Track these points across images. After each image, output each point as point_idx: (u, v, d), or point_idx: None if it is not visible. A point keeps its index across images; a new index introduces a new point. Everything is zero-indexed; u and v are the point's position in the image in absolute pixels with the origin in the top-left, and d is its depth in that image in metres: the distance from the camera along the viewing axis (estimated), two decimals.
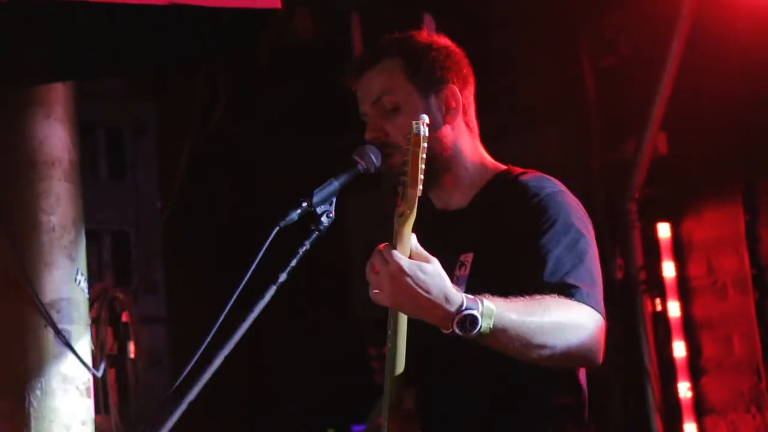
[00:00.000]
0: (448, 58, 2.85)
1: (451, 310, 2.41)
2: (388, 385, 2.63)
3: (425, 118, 2.43)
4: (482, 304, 2.42)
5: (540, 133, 5.80)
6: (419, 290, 2.40)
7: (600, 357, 2.60)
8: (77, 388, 4.89)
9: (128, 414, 5.68)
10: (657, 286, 5.77)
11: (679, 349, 5.72)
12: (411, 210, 2.43)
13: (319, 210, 2.66)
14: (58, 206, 4.90)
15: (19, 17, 3.99)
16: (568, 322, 2.53)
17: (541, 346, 2.51)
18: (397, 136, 2.76)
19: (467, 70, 2.89)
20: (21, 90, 4.78)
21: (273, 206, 5.97)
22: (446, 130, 2.82)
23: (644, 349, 5.72)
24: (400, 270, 2.39)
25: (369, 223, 5.17)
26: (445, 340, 2.52)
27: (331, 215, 2.68)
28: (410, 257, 2.43)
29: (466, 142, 2.86)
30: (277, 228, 2.63)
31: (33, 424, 4.81)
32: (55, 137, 4.93)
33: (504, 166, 2.89)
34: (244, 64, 5.95)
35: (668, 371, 5.73)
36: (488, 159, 2.90)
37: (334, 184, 2.70)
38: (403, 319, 2.53)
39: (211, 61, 5.56)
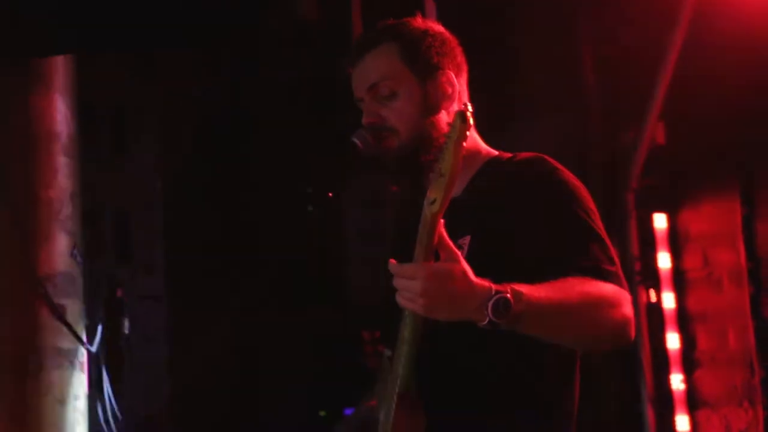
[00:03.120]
0: (443, 45, 2.84)
1: (482, 299, 2.38)
2: (401, 370, 2.59)
3: (470, 107, 2.42)
4: (511, 288, 2.40)
5: (539, 121, 5.79)
6: (452, 296, 2.38)
7: (632, 334, 2.57)
8: (71, 362, 4.90)
9: (121, 389, 5.70)
10: (652, 277, 5.77)
11: (673, 340, 5.72)
12: (445, 198, 2.40)
13: (315, 191, 2.68)
14: (56, 180, 4.90)
15: None
16: (599, 300, 2.51)
17: (576, 326, 2.50)
18: (392, 120, 2.76)
19: (461, 57, 2.88)
20: (21, 62, 4.78)
21: (273, 186, 5.97)
22: (442, 116, 2.80)
23: (638, 340, 5.72)
24: (431, 286, 2.37)
25: (364, 208, 5.18)
26: (447, 328, 2.51)
27: (328, 196, 2.68)
28: (438, 249, 2.41)
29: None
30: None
31: (26, 397, 4.82)
32: (55, 110, 4.94)
33: (496, 152, 2.88)
34: (246, 43, 5.94)
35: (662, 363, 5.73)
36: (482, 145, 2.89)
37: (333, 167, 2.71)
38: None
39: (214, 40, 5.55)
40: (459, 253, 2.42)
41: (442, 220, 2.42)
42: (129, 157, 6.21)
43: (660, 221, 5.77)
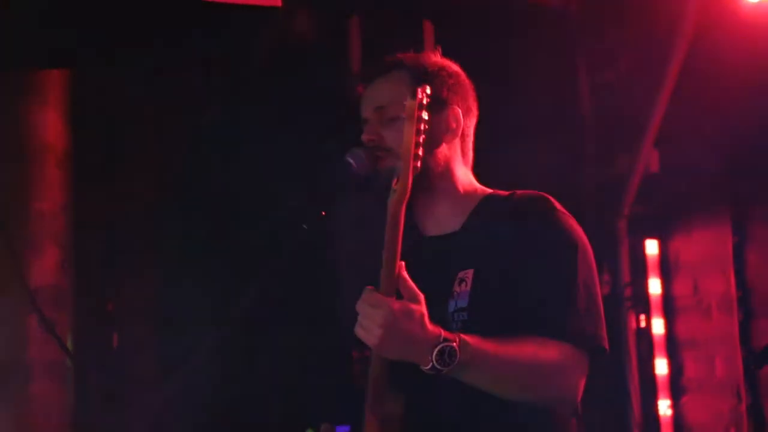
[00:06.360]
0: (456, 84, 2.87)
1: (431, 344, 2.43)
2: (370, 387, 2.61)
3: (426, 88, 2.48)
4: (459, 338, 2.45)
5: (533, 145, 5.80)
6: (406, 336, 2.43)
7: (576, 399, 2.63)
8: (59, 375, 4.89)
9: (110, 402, 5.68)
10: (642, 303, 5.80)
11: (661, 366, 5.74)
12: (404, 186, 2.45)
13: (309, 209, 2.68)
14: (49, 193, 4.90)
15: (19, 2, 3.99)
16: (546, 365, 2.57)
17: (516, 387, 2.57)
18: (392, 141, 2.77)
19: (473, 100, 2.91)
20: (16, 75, 4.77)
21: (265, 202, 5.96)
22: (442, 149, 2.83)
23: (626, 365, 5.73)
24: (392, 321, 2.41)
25: (356, 227, 5.17)
26: None
27: (321, 215, 2.69)
28: (400, 288, 2.46)
29: (460, 166, 2.87)
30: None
31: (12, 409, 4.81)
32: (49, 124, 4.94)
33: (490, 190, 2.89)
34: (241, 59, 5.95)
35: (649, 388, 5.75)
36: (478, 186, 2.91)
37: (327, 184, 2.72)
38: None
39: (208, 55, 5.56)
40: (421, 295, 2.46)
41: (402, 215, 2.45)
42: (121, 170, 6.20)
43: (651, 248, 5.80)
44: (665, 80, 5.49)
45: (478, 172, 2.94)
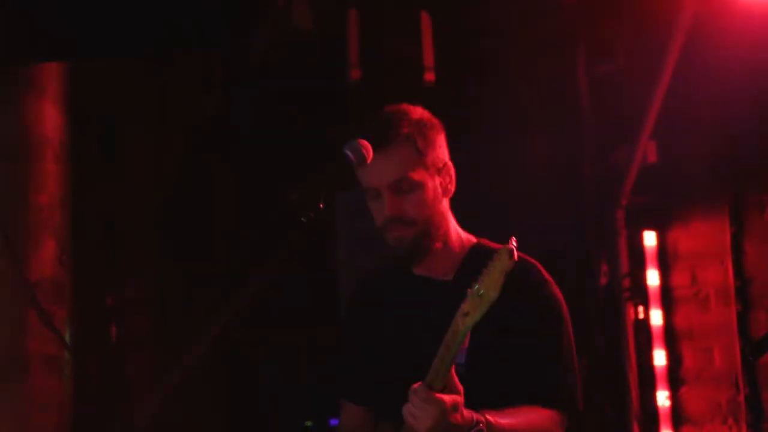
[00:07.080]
0: (442, 133, 3.02)
1: (466, 429, 2.68)
2: None
3: (513, 240, 2.60)
4: (486, 419, 2.71)
5: (532, 137, 5.80)
6: (450, 427, 2.66)
7: None
8: (57, 368, 4.89)
9: (110, 397, 5.68)
10: (640, 294, 5.79)
11: (660, 357, 5.74)
12: (479, 316, 2.60)
13: (307, 201, 2.69)
14: (47, 186, 4.90)
15: None
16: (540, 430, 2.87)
17: None
18: (413, 212, 2.92)
19: (445, 138, 3.05)
20: (14, 69, 4.77)
21: (263, 195, 5.95)
22: (445, 204, 3.00)
23: (625, 356, 5.73)
24: (443, 416, 2.64)
25: (357, 219, 5.17)
26: None
27: (319, 207, 2.71)
28: (444, 382, 2.66)
29: (450, 215, 3.04)
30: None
31: (11, 402, 4.81)
32: (47, 117, 4.94)
33: (475, 239, 3.05)
34: (239, 53, 5.95)
35: (648, 379, 5.75)
36: (463, 233, 3.08)
37: (325, 176, 2.74)
38: None
39: (207, 49, 5.56)
40: (461, 387, 2.69)
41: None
42: (120, 164, 6.20)
43: (649, 239, 5.79)
44: (663, 71, 5.48)
45: (478, 165, 2.97)
